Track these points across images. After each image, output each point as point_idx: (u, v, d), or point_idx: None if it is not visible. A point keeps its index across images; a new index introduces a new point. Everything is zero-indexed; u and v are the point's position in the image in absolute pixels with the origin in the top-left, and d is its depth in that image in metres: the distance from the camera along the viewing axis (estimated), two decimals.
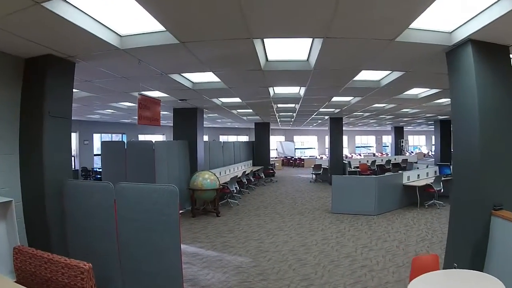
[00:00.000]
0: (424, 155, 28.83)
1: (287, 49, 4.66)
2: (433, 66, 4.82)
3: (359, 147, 31.23)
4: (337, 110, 11.86)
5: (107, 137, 17.45)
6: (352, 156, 25.42)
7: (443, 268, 3.88)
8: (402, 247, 5.81)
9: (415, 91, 8.12)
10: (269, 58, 4.83)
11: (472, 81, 3.61)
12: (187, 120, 9.85)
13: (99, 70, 4.93)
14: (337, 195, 8.88)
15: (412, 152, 28.32)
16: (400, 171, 13.59)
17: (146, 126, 17.07)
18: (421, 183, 9.55)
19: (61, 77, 4.31)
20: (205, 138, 12.18)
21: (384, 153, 29.19)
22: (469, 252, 3.61)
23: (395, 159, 18.36)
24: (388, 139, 30.26)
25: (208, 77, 6.03)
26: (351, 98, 9.01)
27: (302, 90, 7.41)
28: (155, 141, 7.72)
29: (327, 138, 28.32)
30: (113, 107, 9.97)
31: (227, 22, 3.17)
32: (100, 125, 15.97)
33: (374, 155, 27.73)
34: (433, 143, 32.60)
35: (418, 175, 10.56)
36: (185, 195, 9.02)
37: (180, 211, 8.88)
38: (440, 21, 3.62)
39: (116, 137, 17.87)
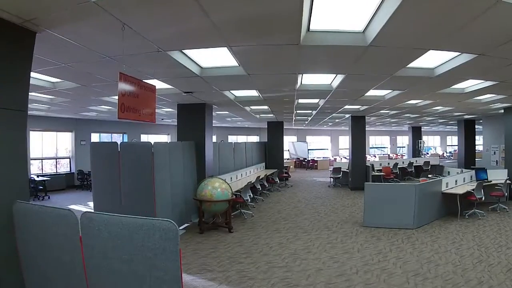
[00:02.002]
0: (440, 156, 27.18)
1: (339, 15, 3.30)
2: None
3: (373, 148, 29.76)
4: (364, 108, 10.52)
5: (107, 137, 16.23)
6: (366, 157, 23.90)
7: None
8: (459, 273, 4.77)
9: (464, 84, 7.01)
10: (312, 27, 3.42)
11: None
12: (193, 118, 8.58)
13: (73, 46, 3.58)
14: (371, 206, 7.63)
15: (427, 153, 26.75)
16: (430, 176, 12.43)
17: (150, 124, 15.58)
18: (459, 190, 8.46)
19: (12, 53, 2.98)
20: (213, 138, 10.88)
21: (398, 154, 27.82)
22: None
23: (416, 161, 17.12)
24: (402, 140, 29.10)
25: (221, 59, 4.72)
26: (389, 91, 7.67)
27: (336, 80, 6.03)
28: (154, 143, 6.35)
29: (341, 138, 27.66)
30: (108, 102, 8.67)
31: None
32: (98, 123, 14.73)
33: (389, 156, 26.44)
34: (448, 144, 32.24)
35: (456, 181, 9.28)
36: (192, 205, 7.69)
37: (186, 225, 7.60)
38: None
39: (117, 137, 16.64)
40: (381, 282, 4.55)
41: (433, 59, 5.13)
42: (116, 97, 7.80)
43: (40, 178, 11.73)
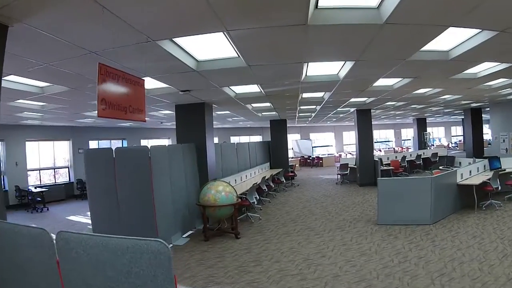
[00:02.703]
0: (446, 147, 26.69)
1: None
2: None
3: (377, 142, 29.27)
4: (370, 100, 10.09)
5: (105, 144, 15.80)
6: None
7: None
8: (486, 270, 4.42)
9: (477, 69, 6.66)
10: (320, 3, 2.99)
11: None
12: (192, 119, 8.17)
13: (52, 41, 3.17)
14: (385, 203, 7.16)
15: (433, 145, 26.22)
16: (442, 167, 11.96)
17: (150, 129, 15.10)
18: (474, 180, 8.04)
19: None
20: (215, 140, 10.47)
21: (403, 147, 27.33)
22: None
23: (423, 153, 16.76)
24: (407, 132, 28.64)
25: (218, 50, 4.31)
26: (398, 80, 7.27)
27: (344, 69, 5.59)
28: (151, 146, 5.93)
29: (345, 134, 27.17)
30: None
31: None
32: (96, 130, 14.34)
33: (394, 150, 25.99)
34: (452, 134, 31.70)
35: (470, 172, 8.86)
36: (195, 211, 7.25)
37: (190, 232, 7.14)
38: None
39: (116, 144, 16.24)
40: (405, 286, 4.13)
41: (449, 41, 4.73)
42: None
43: (38, 190, 11.35)
